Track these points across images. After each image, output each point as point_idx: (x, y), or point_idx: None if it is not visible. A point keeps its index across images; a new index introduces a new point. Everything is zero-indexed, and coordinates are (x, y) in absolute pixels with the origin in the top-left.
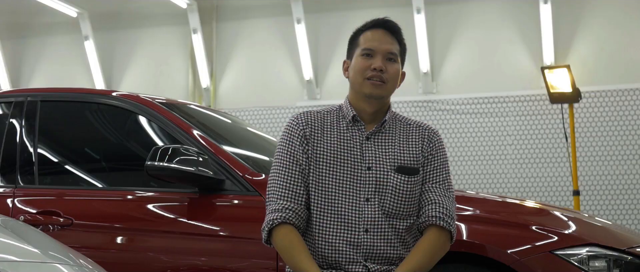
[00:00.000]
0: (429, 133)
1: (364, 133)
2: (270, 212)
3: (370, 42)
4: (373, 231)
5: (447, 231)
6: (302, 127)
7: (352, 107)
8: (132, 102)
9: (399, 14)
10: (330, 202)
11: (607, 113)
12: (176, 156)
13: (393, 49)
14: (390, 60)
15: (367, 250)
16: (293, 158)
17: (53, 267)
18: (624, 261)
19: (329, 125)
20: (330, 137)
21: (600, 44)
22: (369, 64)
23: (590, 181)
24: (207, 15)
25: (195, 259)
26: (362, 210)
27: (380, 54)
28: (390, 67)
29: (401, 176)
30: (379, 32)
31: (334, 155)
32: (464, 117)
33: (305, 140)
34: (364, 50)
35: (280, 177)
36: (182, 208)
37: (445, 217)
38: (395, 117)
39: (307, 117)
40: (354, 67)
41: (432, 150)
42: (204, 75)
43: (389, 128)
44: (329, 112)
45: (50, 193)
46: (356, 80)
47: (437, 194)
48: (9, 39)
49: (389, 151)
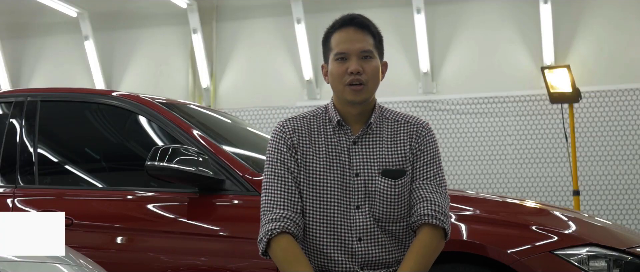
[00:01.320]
0: (418, 128)
1: (351, 137)
2: (267, 222)
3: (342, 44)
4: (366, 240)
5: (440, 228)
6: (289, 135)
7: (336, 110)
8: (132, 102)
9: (399, 14)
10: (323, 211)
11: (607, 113)
12: (176, 156)
13: (366, 46)
14: (366, 58)
15: (363, 258)
16: (284, 166)
17: (53, 267)
18: (624, 261)
19: (316, 131)
20: (317, 144)
21: (600, 44)
22: (345, 68)
23: (590, 181)
24: (207, 15)
25: (195, 259)
26: (353, 218)
27: (354, 55)
28: (367, 66)
29: (387, 180)
30: (349, 31)
31: (322, 162)
32: (464, 117)
33: (293, 148)
34: (338, 55)
35: (273, 185)
36: (182, 208)
37: (438, 215)
38: (383, 115)
39: (293, 124)
40: (331, 73)
41: (421, 145)
42: (204, 75)
43: (376, 129)
44: (315, 117)
45: (50, 193)
46: (336, 87)
47: (428, 191)
48: (9, 39)
49: (376, 155)
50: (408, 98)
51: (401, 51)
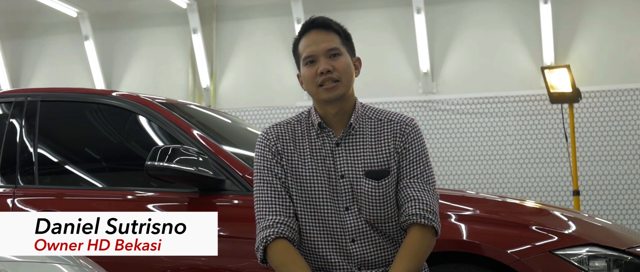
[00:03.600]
0: (402, 126)
1: (333, 139)
2: (262, 230)
3: (308, 48)
4: (359, 241)
5: (430, 227)
6: (273, 142)
7: (317, 113)
8: (132, 102)
9: (399, 14)
10: (315, 214)
11: (607, 113)
12: (176, 156)
13: (332, 45)
14: (335, 56)
15: (359, 259)
16: (271, 172)
17: (53, 268)
18: (624, 261)
19: (300, 136)
20: (302, 148)
21: (600, 44)
22: (315, 70)
23: (590, 181)
24: (207, 15)
25: (195, 259)
26: (344, 220)
27: (321, 55)
28: (337, 63)
29: (371, 181)
30: (312, 34)
31: (308, 166)
32: (464, 117)
33: (278, 155)
34: (306, 59)
35: (264, 193)
36: (182, 208)
37: (426, 214)
38: (365, 114)
39: (276, 130)
40: (304, 77)
41: (406, 144)
42: (204, 75)
43: (359, 129)
44: (299, 122)
45: (50, 193)
46: (311, 90)
47: (415, 190)
48: (9, 39)
49: (359, 156)
50: (408, 98)
51: (401, 51)
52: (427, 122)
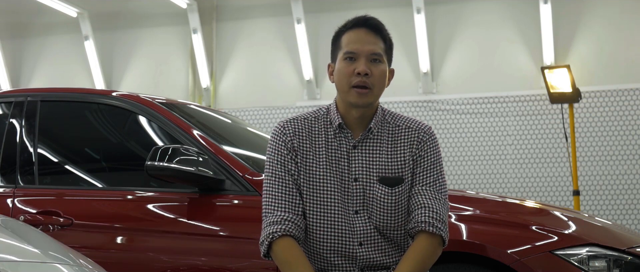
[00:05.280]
0: (419, 134)
1: (351, 141)
2: (269, 225)
3: (353, 44)
4: (367, 244)
5: (438, 236)
6: (289, 137)
7: (338, 112)
8: (132, 102)
9: (399, 14)
10: (324, 215)
11: (607, 113)
12: (176, 156)
13: (376, 49)
14: (375, 62)
15: (363, 262)
16: (284, 168)
17: (53, 267)
18: (624, 261)
19: (317, 133)
20: (318, 147)
21: (600, 44)
22: (352, 69)
23: (590, 181)
24: (207, 15)
25: (195, 259)
26: (353, 223)
27: (363, 56)
28: (375, 69)
29: (384, 187)
30: (361, 31)
31: (323, 166)
32: (464, 117)
33: (293, 151)
34: (347, 54)
35: (274, 187)
36: (182, 208)
37: (435, 222)
38: (385, 119)
39: (294, 125)
40: (338, 72)
41: (422, 151)
42: (204, 75)
43: (377, 133)
44: (316, 118)
45: (50, 193)
46: (341, 88)
47: (427, 197)
48: (9, 39)
49: (375, 160)
50: (408, 98)
51: (401, 51)
52: (427, 122)
